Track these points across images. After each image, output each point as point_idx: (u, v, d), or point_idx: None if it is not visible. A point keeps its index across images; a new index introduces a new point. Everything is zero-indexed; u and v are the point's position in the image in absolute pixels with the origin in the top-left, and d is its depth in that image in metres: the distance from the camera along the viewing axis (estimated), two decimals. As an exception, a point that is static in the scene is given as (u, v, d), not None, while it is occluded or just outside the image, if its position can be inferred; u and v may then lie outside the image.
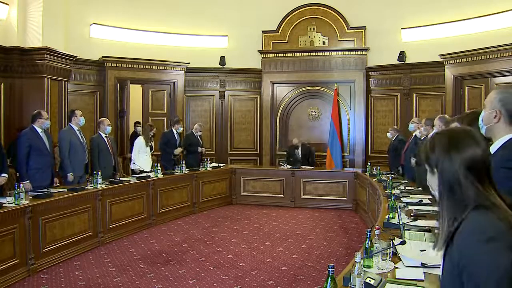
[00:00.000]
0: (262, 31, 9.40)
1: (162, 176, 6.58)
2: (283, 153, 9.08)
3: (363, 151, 9.03)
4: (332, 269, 1.72)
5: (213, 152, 9.51)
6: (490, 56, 7.07)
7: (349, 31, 9.05)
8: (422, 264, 2.21)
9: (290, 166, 7.96)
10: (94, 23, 8.47)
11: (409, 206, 3.80)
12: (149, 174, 6.47)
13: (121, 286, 3.88)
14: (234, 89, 9.68)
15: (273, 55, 9.36)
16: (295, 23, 9.34)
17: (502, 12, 7.18)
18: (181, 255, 4.80)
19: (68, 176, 5.49)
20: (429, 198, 4.09)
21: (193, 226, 6.23)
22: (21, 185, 4.34)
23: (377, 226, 2.55)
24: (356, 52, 8.98)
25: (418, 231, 2.91)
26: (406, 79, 8.64)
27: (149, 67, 8.97)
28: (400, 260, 2.31)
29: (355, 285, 1.84)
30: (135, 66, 8.81)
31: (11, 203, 4.04)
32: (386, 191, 4.79)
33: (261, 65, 9.44)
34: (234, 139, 9.73)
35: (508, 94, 1.86)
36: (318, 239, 5.55)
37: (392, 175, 5.99)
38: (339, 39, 9.13)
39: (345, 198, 7.55)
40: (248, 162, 9.57)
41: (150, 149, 7.05)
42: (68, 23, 7.78)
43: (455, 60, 7.69)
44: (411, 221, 3.14)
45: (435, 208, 1.28)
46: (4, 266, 3.81)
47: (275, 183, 7.87)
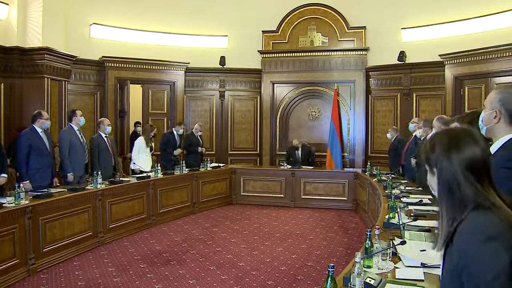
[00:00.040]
0: (262, 31, 9.40)
1: (162, 176, 6.58)
2: (283, 153, 9.08)
3: (363, 151, 9.02)
4: (332, 269, 1.72)
5: (213, 152, 9.51)
6: (490, 56, 7.07)
7: (349, 31, 9.04)
8: (422, 264, 2.21)
9: (290, 166, 7.96)
10: (94, 23, 8.47)
11: (409, 206, 3.80)
12: (149, 174, 6.47)
13: (121, 286, 3.88)
14: (234, 89, 9.68)
15: (273, 55, 9.36)
16: (295, 23, 9.34)
17: (502, 12, 7.18)
18: (181, 255, 4.80)
19: (68, 176, 5.49)
20: (429, 198, 4.09)
21: (193, 226, 6.23)
22: (21, 185, 4.34)
23: (377, 226, 2.55)
24: (356, 52, 8.98)
25: (418, 231, 2.91)
26: (406, 79, 8.64)
27: (149, 67, 8.97)
28: (400, 260, 2.31)
29: (355, 285, 1.84)
30: (135, 66, 8.81)
31: (11, 203, 4.04)
32: (386, 191, 4.80)
33: (261, 65, 9.44)
34: (234, 139, 9.73)
35: (508, 94, 1.86)
36: (318, 239, 5.56)
37: (392, 175, 5.99)
38: (339, 39, 9.13)
39: (345, 198, 7.55)
40: (248, 162, 9.57)
41: (150, 149, 7.05)
42: (68, 23, 7.78)
43: (455, 60, 7.69)
44: (411, 221, 3.14)
45: (435, 208, 1.28)
46: (4, 266, 3.81)
47: (275, 183, 7.88)
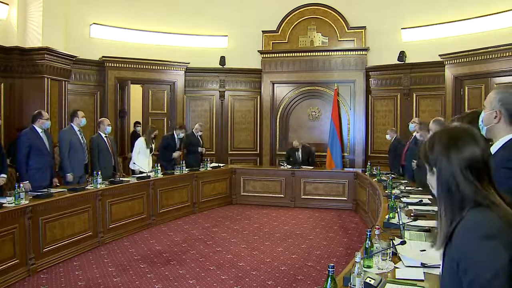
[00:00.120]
0: (262, 31, 9.40)
1: (162, 176, 6.58)
2: (283, 153, 9.07)
3: (363, 151, 9.02)
4: (332, 269, 1.72)
5: (213, 152, 9.51)
6: (490, 56, 7.06)
7: (349, 31, 9.04)
8: (422, 264, 2.21)
9: (290, 166, 7.96)
10: (94, 23, 8.47)
11: (409, 206, 3.80)
12: (149, 174, 6.47)
13: (121, 286, 3.88)
14: (234, 89, 9.68)
15: (273, 55, 9.36)
16: (295, 23, 9.33)
17: (502, 12, 7.18)
18: (181, 255, 4.80)
19: (67, 177, 5.49)
20: (429, 198, 4.09)
21: (193, 226, 6.23)
22: (21, 185, 4.34)
23: (377, 226, 2.55)
24: (356, 52, 8.98)
25: (418, 231, 2.91)
26: (406, 79, 8.63)
27: (149, 67, 8.97)
28: (400, 260, 2.31)
29: (355, 285, 1.84)
30: (135, 66, 8.81)
31: (11, 203, 4.04)
32: (386, 191, 4.80)
33: (261, 65, 9.44)
34: (234, 139, 9.73)
35: (507, 94, 1.86)
36: (318, 239, 5.56)
37: (392, 175, 5.99)
38: (339, 39, 9.13)
39: (345, 198, 7.55)
40: (248, 162, 9.57)
41: (150, 151, 7.03)
42: (68, 23, 7.78)
43: (455, 60, 7.69)
44: (411, 221, 3.14)
45: (435, 208, 1.28)
46: (4, 266, 3.81)
47: (275, 183, 7.87)
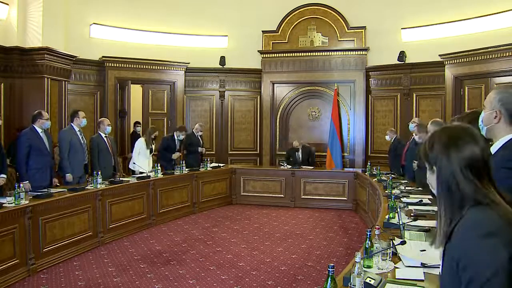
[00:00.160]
0: (262, 31, 9.40)
1: (162, 176, 6.58)
2: (283, 153, 9.07)
3: (363, 151, 9.02)
4: (332, 269, 1.72)
5: (213, 152, 9.51)
6: (490, 56, 7.06)
7: (349, 31, 9.04)
8: (422, 264, 2.21)
9: (290, 166, 7.96)
10: (94, 23, 8.47)
11: (409, 206, 3.80)
12: (149, 174, 6.47)
13: (121, 286, 3.88)
14: (234, 89, 9.68)
15: (273, 55, 9.35)
16: (295, 23, 9.33)
17: (502, 12, 7.18)
18: (181, 255, 4.80)
19: (66, 177, 5.49)
20: (429, 198, 4.10)
21: (193, 226, 6.23)
22: (21, 185, 4.34)
23: (377, 226, 2.55)
24: (356, 52, 8.98)
25: (418, 231, 2.91)
26: (406, 79, 8.63)
27: (149, 67, 8.97)
28: (400, 260, 2.31)
29: (355, 285, 1.84)
30: (135, 66, 8.81)
31: (11, 203, 4.04)
32: (386, 191, 4.80)
33: (261, 65, 9.44)
34: (234, 139, 9.73)
35: (507, 94, 1.85)
36: (318, 239, 5.56)
37: (392, 175, 5.99)
38: (339, 39, 9.12)
39: (345, 198, 7.55)
40: (248, 162, 9.57)
41: (150, 151, 7.03)
42: (68, 23, 7.78)
43: (455, 60, 7.69)
44: (411, 221, 3.14)
45: (435, 208, 1.28)
46: (4, 266, 3.81)
47: (275, 183, 7.87)
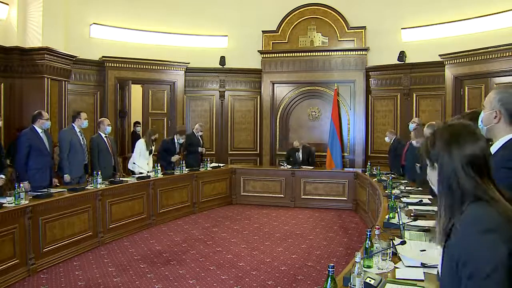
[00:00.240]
0: (262, 31, 9.40)
1: (162, 176, 6.58)
2: (283, 153, 9.07)
3: (363, 151, 9.02)
4: (332, 269, 1.72)
5: (213, 152, 9.51)
6: (490, 56, 7.06)
7: (349, 31, 9.04)
8: (422, 264, 2.21)
9: (290, 166, 7.96)
10: (94, 23, 8.47)
11: (409, 206, 3.80)
12: (149, 174, 6.47)
13: (121, 286, 3.88)
14: (234, 89, 9.68)
15: (273, 55, 9.35)
16: (295, 23, 9.33)
17: (502, 12, 7.18)
18: (181, 255, 4.80)
19: (64, 177, 5.49)
20: (429, 198, 4.10)
21: (193, 226, 6.23)
22: (21, 185, 4.34)
23: (377, 226, 2.54)
24: (356, 52, 8.98)
25: (418, 231, 2.91)
26: (406, 79, 8.63)
27: (149, 67, 8.97)
28: (400, 260, 2.31)
29: (355, 285, 1.84)
30: (135, 66, 8.81)
31: (11, 203, 4.04)
32: (386, 191, 4.80)
33: (261, 65, 9.44)
34: (234, 139, 9.73)
35: (507, 94, 1.85)
36: (318, 239, 5.56)
37: (392, 175, 5.99)
38: (339, 39, 9.12)
39: (345, 198, 7.55)
40: (248, 162, 9.57)
41: (149, 152, 7.02)
42: (68, 23, 7.78)
43: (455, 60, 7.69)
44: (411, 221, 3.14)
45: (435, 208, 1.28)
46: (4, 266, 3.81)
47: (275, 183, 7.87)
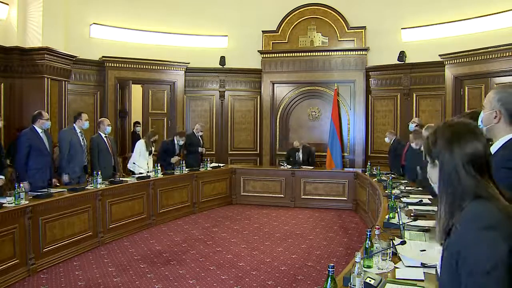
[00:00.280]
0: (262, 31, 9.39)
1: (162, 176, 6.58)
2: (283, 153, 9.07)
3: (363, 151, 9.02)
4: (332, 269, 1.72)
5: (213, 152, 9.51)
6: (490, 56, 7.06)
7: (349, 31, 9.04)
8: (422, 264, 2.21)
9: (290, 166, 7.96)
10: (94, 23, 8.47)
11: (409, 206, 3.80)
12: (149, 174, 6.47)
13: (121, 286, 3.88)
14: (234, 89, 9.68)
15: (273, 55, 9.35)
16: (295, 23, 9.33)
17: (502, 12, 7.17)
18: (181, 255, 4.80)
19: (64, 177, 5.49)
20: (429, 198, 4.10)
21: (193, 226, 6.23)
22: (21, 185, 4.34)
23: (377, 226, 2.54)
24: (356, 52, 8.97)
25: (418, 231, 2.91)
26: (406, 79, 8.63)
27: (149, 67, 8.97)
28: (400, 260, 2.31)
29: (355, 285, 1.84)
30: (135, 66, 8.81)
31: (11, 203, 4.04)
32: (386, 191, 4.80)
33: (261, 65, 9.44)
34: (234, 139, 9.73)
35: (506, 93, 1.85)
36: (318, 239, 5.56)
37: (392, 175, 5.99)
38: (339, 39, 9.12)
39: (345, 198, 7.55)
40: (248, 162, 9.56)
41: (149, 153, 7.01)
42: (68, 23, 7.78)
43: (455, 60, 7.69)
44: (411, 221, 3.14)
45: (435, 208, 1.29)
46: (4, 266, 3.81)
47: (275, 183, 7.87)
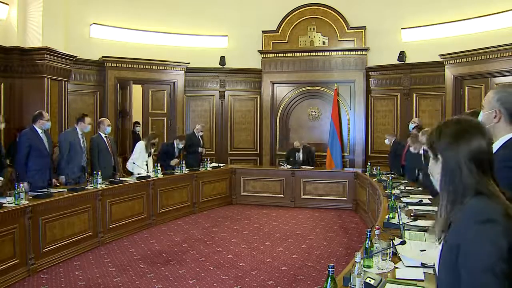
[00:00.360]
0: (262, 31, 9.39)
1: (162, 176, 6.58)
2: (283, 153, 9.07)
3: (363, 151, 9.02)
4: (332, 269, 1.72)
5: (213, 152, 9.51)
6: (490, 56, 7.06)
7: (349, 31, 9.04)
8: (422, 264, 2.21)
9: (290, 166, 7.96)
10: (94, 23, 8.47)
11: (409, 206, 3.80)
12: (149, 174, 6.46)
13: (121, 286, 3.88)
14: (234, 89, 9.68)
15: (273, 55, 9.35)
16: (295, 23, 9.33)
17: (502, 12, 7.18)
18: (181, 255, 4.80)
19: (61, 178, 5.50)
20: (429, 198, 4.10)
21: (193, 226, 6.23)
22: (21, 185, 4.33)
23: (377, 226, 2.55)
24: (356, 52, 8.97)
25: (418, 231, 2.92)
26: (406, 79, 8.63)
27: (149, 67, 8.97)
28: (400, 260, 2.31)
29: (355, 285, 1.84)
30: (135, 66, 8.81)
31: (11, 203, 4.04)
32: (386, 191, 4.80)
33: (261, 65, 9.43)
34: (234, 139, 9.73)
35: (506, 93, 1.84)
36: (318, 239, 5.56)
37: (392, 175, 5.99)
38: (339, 39, 9.12)
39: (345, 198, 7.55)
40: (248, 162, 9.56)
41: (148, 155, 7.00)
42: (68, 23, 7.78)
43: (455, 60, 7.69)
44: (411, 221, 3.14)
45: (435, 208, 1.29)
46: (4, 266, 3.81)
47: (275, 183, 7.87)
